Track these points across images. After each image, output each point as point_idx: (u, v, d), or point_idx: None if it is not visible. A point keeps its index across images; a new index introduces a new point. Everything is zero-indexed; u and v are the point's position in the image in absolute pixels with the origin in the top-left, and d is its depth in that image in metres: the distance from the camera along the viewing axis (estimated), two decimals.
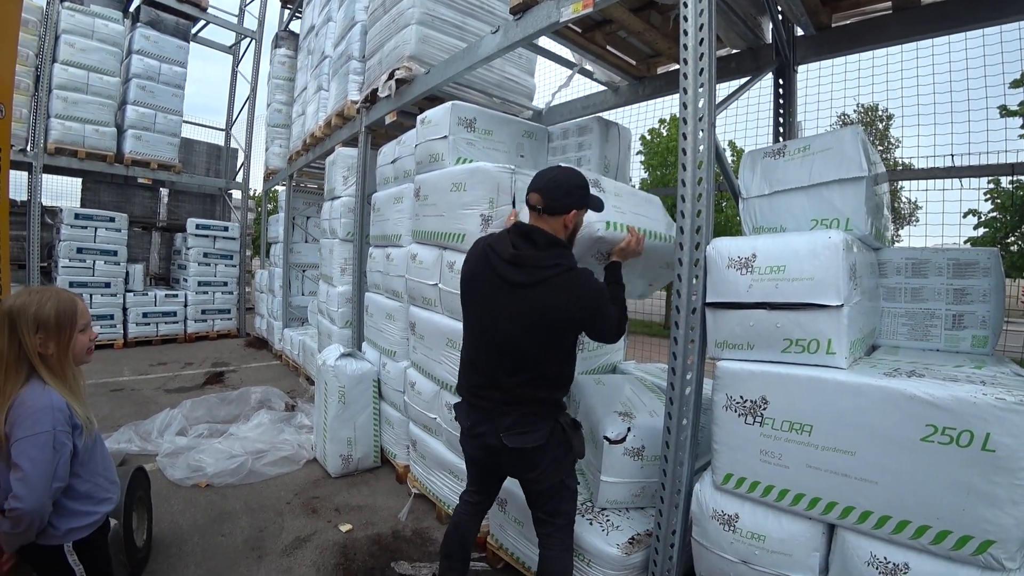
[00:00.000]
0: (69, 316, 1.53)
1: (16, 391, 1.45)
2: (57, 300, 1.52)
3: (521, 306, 1.80)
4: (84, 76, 7.71)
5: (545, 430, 1.83)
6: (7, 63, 2.48)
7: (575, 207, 1.85)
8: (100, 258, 7.85)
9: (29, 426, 1.39)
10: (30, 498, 1.36)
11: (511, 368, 1.83)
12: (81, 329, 1.57)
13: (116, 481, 1.70)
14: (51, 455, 1.40)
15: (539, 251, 1.81)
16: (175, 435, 4.03)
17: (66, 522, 1.51)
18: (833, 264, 1.57)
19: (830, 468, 1.55)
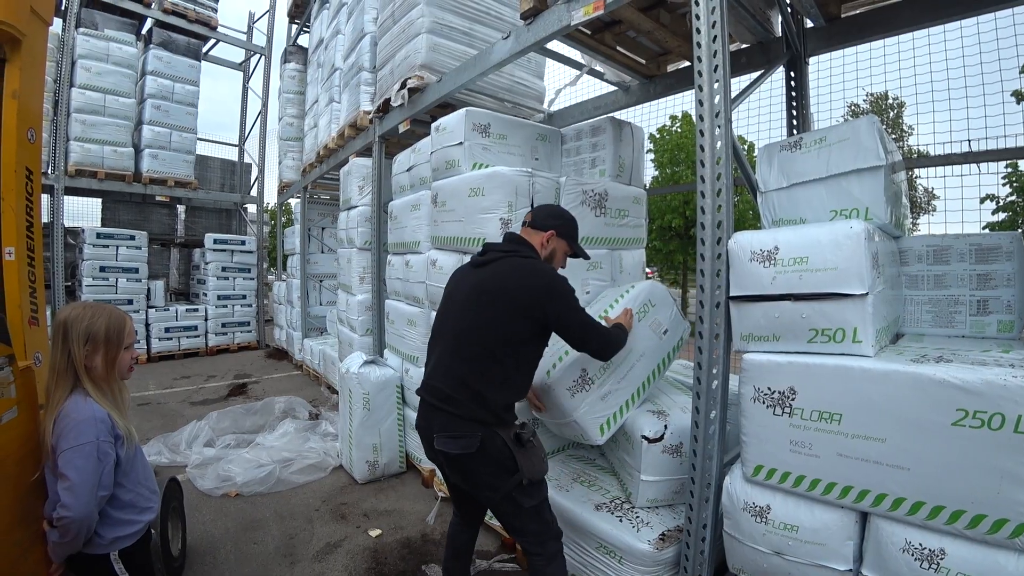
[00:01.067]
0: (117, 332, 1.60)
1: (62, 402, 1.51)
2: (108, 316, 1.60)
3: (476, 284, 1.87)
4: (101, 99, 7.88)
5: (474, 438, 1.73)
6: (36, 91, 2.55)
7: (555, 231, 2.01)
8: (122, 276, 8.02)
9: (74, 437, 1.44)
10: (77, 506, 1.41)
11: (456, 356, 1.81)
12: (126, 346, 1.64)
13: (156, 491, 1.76)
14: (95, 464, 1.45)
15: (507, 243, 1.97)
16: (203, 446, 4.11)
17: (112, 531, 1.56)
18: (856, 253, 1.59)
19: (861, 456, 1.56)
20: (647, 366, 2.44)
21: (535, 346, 1.87)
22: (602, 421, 2.30)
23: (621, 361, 2.34)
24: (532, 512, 1.81)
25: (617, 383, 2.34)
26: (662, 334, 2.51)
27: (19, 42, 2.37)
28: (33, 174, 2.53)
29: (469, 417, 1.75)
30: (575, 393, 2.25)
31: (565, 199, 2.72)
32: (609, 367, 2.32)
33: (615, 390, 2.33)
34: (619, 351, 2.05)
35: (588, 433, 2.29)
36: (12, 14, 2.29)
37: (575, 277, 2.76)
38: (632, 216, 3.11)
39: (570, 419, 2.28)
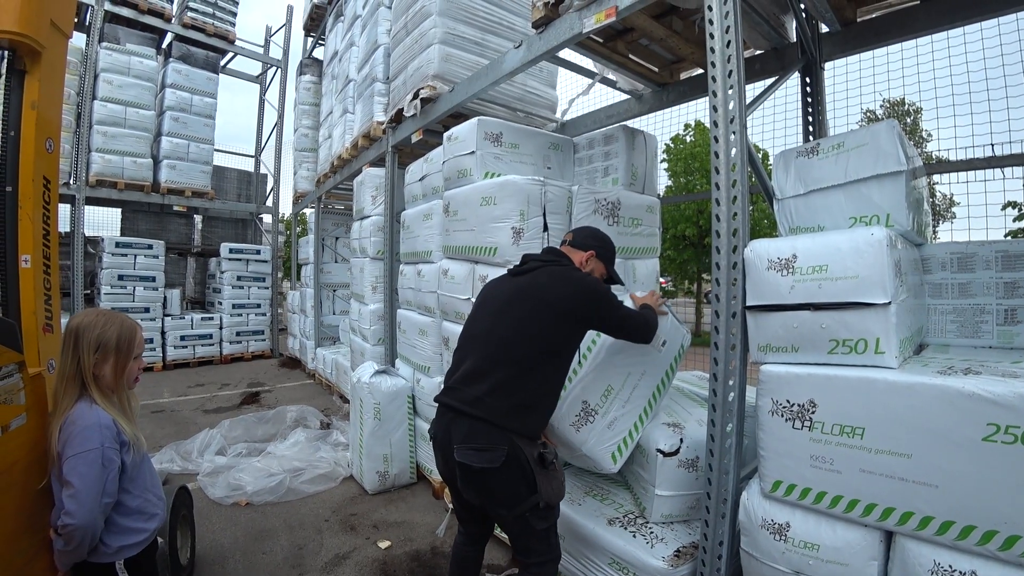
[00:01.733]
0: (128, 342, 1.61)
1: (68, 409, 1.51)
2: (120, 326, 1.61)
3: (515, 291, 1.85)
4: (122, 111, 8.06)
5: (499, 452, 1.65)
6: (55, 102, 2.60)
7: (595, 251, 2.07)
8: (139, 284, 8.14)
9: (78, 444, 1.44)
10: (80, 513, 1.40)
11: (491, 361, 1.75)
12: (136, 356, 1.65)
13: (163, 498, 1.75)
14: (100, 471, 1.45)
15: (547, 254, 2.02)
16: (215, 454, 4.12)
17: (118, 539, 1.55)
18: (878, 261, 1.54)
19: (885, 472, 1.50)
20: (650, 383, 2.36)
21: (570, 354, 1.88)
22: (613, 449, 2.25)
23: (621, 385, 2.28)
24: (542, 534, 1.76)
25: (622, 408, 2.27)
26: (660, 346, 2.39)
27: (39, 54, 2.41)
28: (50, 183, 2.57)
29: (500, 424, 1.68)
30: (580, 428, 2.21)
31: (578, 208, 2.70)
32: (609, 394, 2.25)
33: (621, 415, 2.27)
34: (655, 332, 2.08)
35: (600, 464, 2.25)
36: (32, 27, 2.33)
37: None
38: (645, 225, 3.08)
39: (579, 453, 2.25)
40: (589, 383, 2.23)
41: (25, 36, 2.30)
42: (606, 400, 2.25)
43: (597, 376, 2.25)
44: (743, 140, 1.83)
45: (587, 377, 2.24)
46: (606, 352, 2.27)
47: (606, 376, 2.25)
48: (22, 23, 2.28)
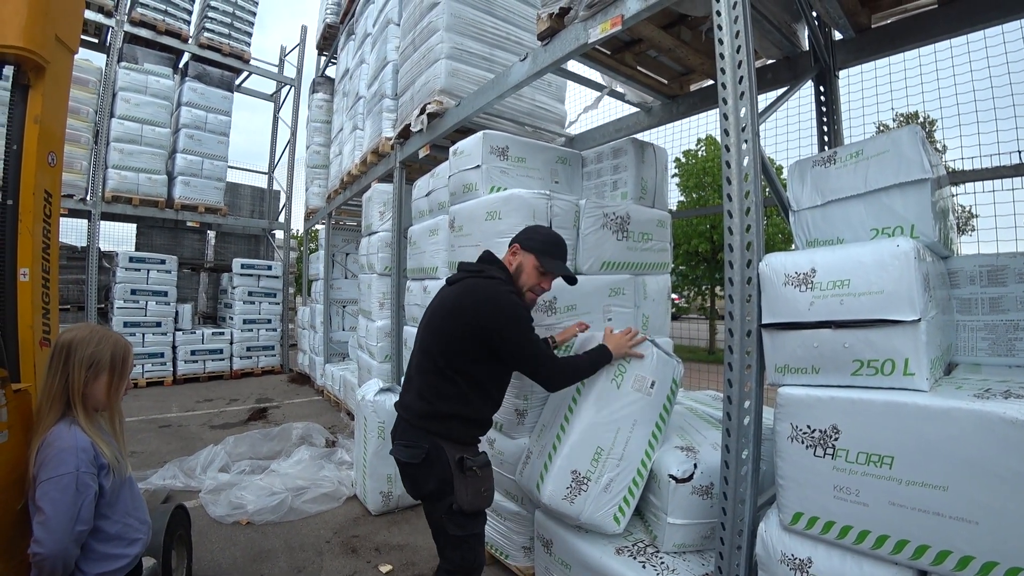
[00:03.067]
0: (122, 361, 1.57)
1: (49, 428, 1.45)
2: (114, 344, 1.56)
3: (440, 302, 1.94)
4: (138, 129, 8.20)
5: (421, 449, 1.78)
6: (59, 116, 2.59)
7: (519, 243, 2.00)
8: (152, 299, 8.19)
9: (52, 467, 1.38)
10: (50, 542, 1.34)
11: (417, 369, 1.91)
12: (127, 376, 1.63)
13: (147, 521, 1.69)
14: (73, 496, 1.37)
15: (477, 263, 2.01)
16: (218, 471, 4.05)
17: (96, 566, 1.47)
18: (905, 275, 1.42)
19: (918, 506, 1.37)
20: (644, 432, 2.17)
21: (488, 369, 1.87)
22: (614, 511, 2.11)
23: (611, 444, 2.12)
24: (455, 541, 1.81)
25: (616, 467, 2.11)
26: (649, 389, 2.18)
27: (43, 69, 2.40)
28: (52, 197, 2.55)
29: (421, 427, 1.82)
30: (574, 499, 2.09)
31: (585, 222, 2.61)
32: (600, 456, 2.11)
33: (617, 474, 2.11)
34: (581, 379, 2.05)
35: (603, 528, 2.12)
36: (37, 42, 2.33)
37: (596, 304, 2.64)
38: (656, 240, 2.98)
39: (578, 523, 2.15)
40: (575, 450, 2.11)
41: (30, 51, 2.30)
42: (597, 463, 2.11)
43: (582, 441, 2.12)
44: (756, 149, 1.74)
45: (571, 444, 2.12)
46: (588, 412, 2.15)
47: (593, 439, 2.12)
48: (27, 38, 2.28)
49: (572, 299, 2.55)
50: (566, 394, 2.26)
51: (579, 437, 2.12)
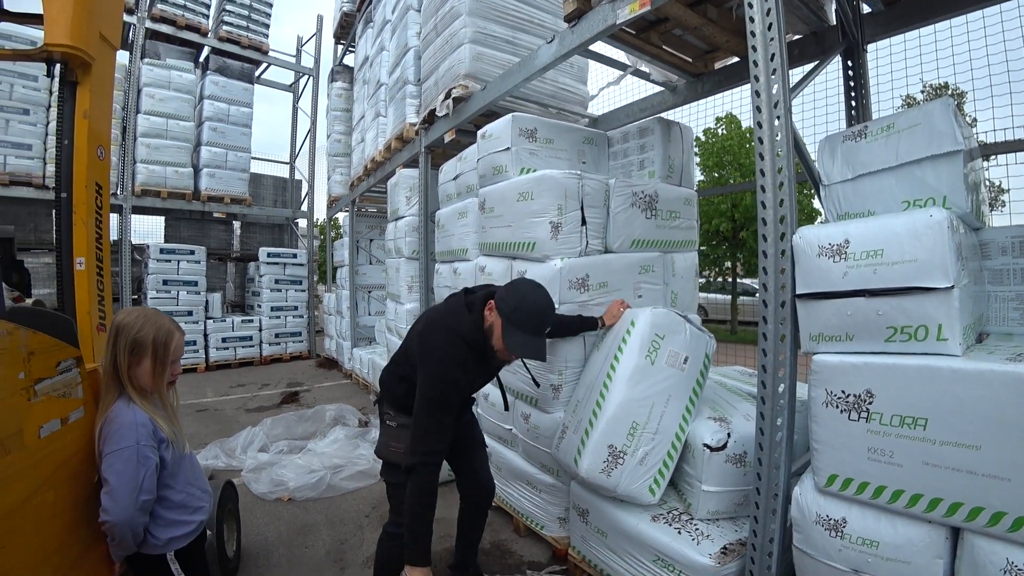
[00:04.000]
0: (164, 346, 1.60)
1: (109, 406, 1.54)
2: (157, 328, 1.59)
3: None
4: (163, 123, 8.38)
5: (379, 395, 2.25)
6: (105, 111, 2.71)
7: (495, 304, 1.87)
8: (183, 288, 8.42)
9: (115, 441, 1.47)
10: (115, 510, 1.43)
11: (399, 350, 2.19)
12: (173, 361, 1.64)
13: (208, 491, 1.78)
14: (135, 468, 1.46)
15: (464, 295, 2.05)
16: (257, 451, 4.22)
17: (165, 531, 1.58)
18: (938, 243, 1.46)
19: (951, 465, 1.42)
20: (678, 407, 2.23)
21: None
22: (649, 483, 2.18)
23: (647, 419, 2.18)
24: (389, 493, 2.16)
25: (651, 440, 2.18)
26: (683, 364, 2.25)
27: (89, 66, 2.51)
28: (102, 189, 2.67)
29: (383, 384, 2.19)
30: (610, 472, 2.16)
31: (615, 201, 2.66)
32: (635, 431, 2.17)
33: (652, 448, 2.18)
34: (411, 517, 1.81)
35: (639, 500, 2.19)
36: (83, 40, 2.43)
37: (627, 282, 2.70)
38: (683, 218, 3.02)
39: (614, 495, 2.22)
40: (611, 426, 2.17)
41: (77, 49, 2.40)
42: (633, 438, 2.17)
43: (618, 416, 2.18)
44: (788, 124, 1.77)
45: (607, 420, 2.18)
46: (624, 388, 2.20)
47: (628, 414, 2.18)
48: (73, 36, 2.38)
49: (604, 276, 2.61)
50: (600, 371, 2.33)
51: (615, 412, 2.18)
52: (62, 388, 1.62)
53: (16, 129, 7.49)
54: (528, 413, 2.79)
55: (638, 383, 2.21)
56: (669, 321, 2.32)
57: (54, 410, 1.55)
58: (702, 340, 2.35)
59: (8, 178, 7.35)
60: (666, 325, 2.30)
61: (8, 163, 7.37)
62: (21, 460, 1.35)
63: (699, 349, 2.33)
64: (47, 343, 1.57)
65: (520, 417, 2.85)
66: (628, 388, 2.20)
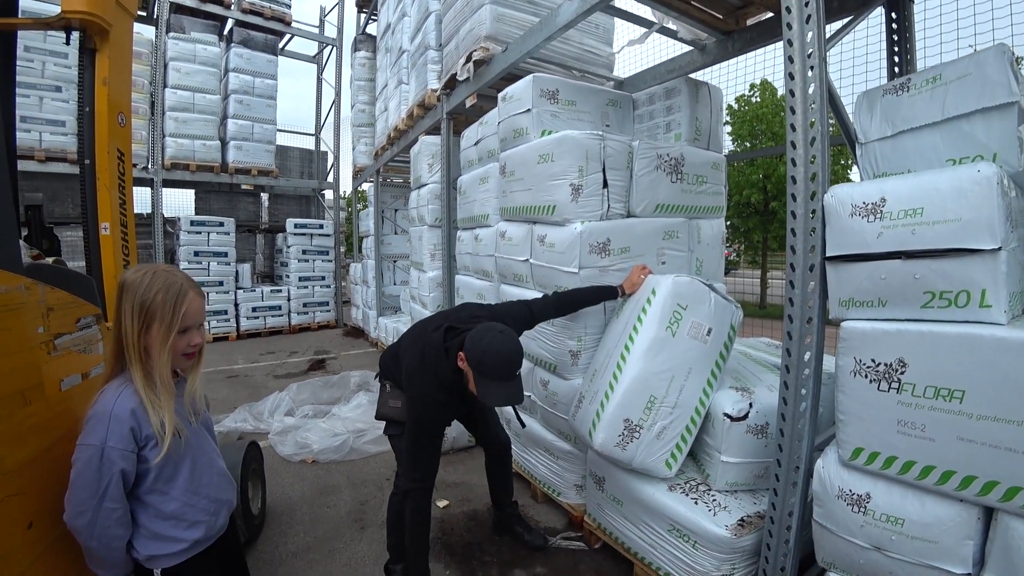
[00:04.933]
0: (171, 307, 1.26)
1: (103, 384, 1.29)
2: (166, 287, 1.26)
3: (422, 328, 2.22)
4: (190, 97, 8.45)
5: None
6: (124, 78, 2.71)
7: (465, 356, 1.87)
8: (213, 260, 8.61)
9: (84, 434, 1.21)
10: (70, 512, 1.20)
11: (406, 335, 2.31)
12: (182, 329, 1.29)
13: (222, 499, 1.45)
14: (96, 472, 1.18)
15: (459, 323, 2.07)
16: (284, 415, 4.34)
17: (148, 546, 1.29)
18: (985, 201, 1.34)
19: (989, 441, 1.33)
20: (698, 381, 2.15)
21: None
22: (666, 457, 2.13)
23: (665, 392, 2.10)
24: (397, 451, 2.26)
25: (669, 415, 2.11)
26: (706, 336, 2.15)
27: (107, 32, 2.51)
28: (124, 155, 2.69)
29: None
30: (625, 446, 2.10)
31: (639, 164, 2.56)
32: (653, 405, 2.09)
33: (670, 422, 2.12)
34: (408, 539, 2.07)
35: (655, 473, 2.15)
36: (99, 6, 2.43)
37: (650, 247, 2.61)
38: (711, 183, 2.89)
39: (629, 468, 2.18)
40: (627, 399, 2.10)
41: (93, 15, 2.40)
42: (650, 412, 2.10)
43: (634, 389, 2.10)
44: (823, 76, 1.65)
45: (624, 392, 2.11)
46: (642, 360, 2.12)
47: (646, 387, 2.10)
48: (90, 3, 2.38)
49: (626, 241, 2.53)
50: (618, 339, 2.27)
51: (631, 386, 2.11)
52: (82, 344, 1.65)
53: (49, 106, 7.64)
54: (547, 379, 2.76)
55: (657, 355, 2.13)
56: (692, 290, 2.22)
57: (75, 365, 1.58)
58: (727, 310, 2.25)
59: (44, 155, 7.54)
60: (689, 295, 2.20)
61: (44, 140, 7.55)
62: (42, 411, 1.38)
63: (724, 320, 2.24)
64: (66, 299, 1.60)
65: (539, 383, 2.82)
66: (646, 361, 2.12)
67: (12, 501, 1.22)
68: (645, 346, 2.14)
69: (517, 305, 2.29)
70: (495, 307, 2.31)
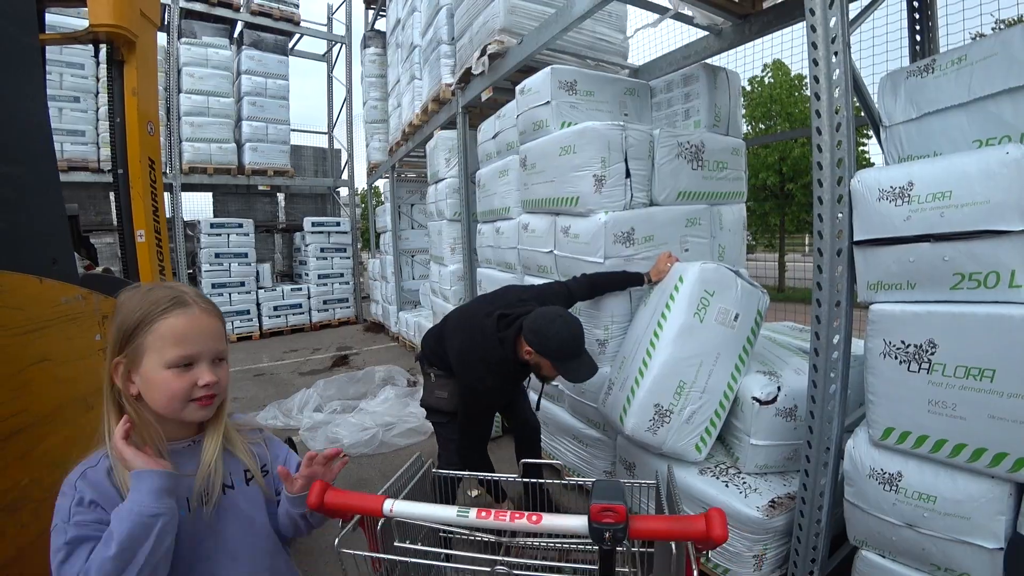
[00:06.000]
0: (126, 335, 0.91)
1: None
2: (152, 300, 0.92)
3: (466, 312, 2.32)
4: (204, 101, 8.58)
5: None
6: (151, 87, 2.79)
7: (535, 349, 1.93)
8: (234, 261, 8.77)
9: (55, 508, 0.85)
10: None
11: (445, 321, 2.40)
12: (181, 363, 0.91)
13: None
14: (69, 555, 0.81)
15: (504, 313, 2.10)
16: (312, 411, 4.45)
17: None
18: (1015, 183, 1.35)
19: (1020, 418, 1.35)
20: (727, 365, 2.18)
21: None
22: (696, 441, 2.17)
23: (694, 377, 2.14)
24: (440, 440, 2.38)
25: (699, 399, 2.14)
26: (732, 322, 2.18)
27: (133, 44, 2.58)
28: (155, 163, 2.78)
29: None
30: (656, 430, 2.14)
31: (660, 153, 2.58)
32: (682, 390, 2.13)
33: (699, 407, 2.15)
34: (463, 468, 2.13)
35: (685, 456, 2.19)
36: (126, 19, 2.50)
37: (673, 235, 2.64)
38: (731, 169, 2.90)
39: (660, 452, 2.22)
40: (657, 384, 2.14)
41: (120, 28, 2.47)
42: (680, 397, 2.14)
43: (664, 375, 2.14)
44: (847, 60, 1.66)
45: (654, 378, 2.14)
46: (670, 346, 2.15)
47: (675, 373, 2.14)
48: (117, 15, 2.45)
49: (650, 230, 2.56)
50: (647, 327, 2.31)
51: (661, 371, 2.15)
52: None
53: (69, 117, 7.82)
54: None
55: (686, 341, 2.16)
56: (719, 276, 2.25)
57: None
58: (754, 296, 2.28)
59: (66, 164, 7.72)
60: (716, 281, 2.23)
61: (65, 150, 7.73)
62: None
63: (751, 305, 2.26)
64: None
65: None
66: (675, 347, 2.16)
67: None
68: (674, 332, 2.17)
69: (556, 285, 2.37)
70: (538, 288, 2.35)
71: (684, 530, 0.86)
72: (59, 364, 1.38)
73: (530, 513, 0.91)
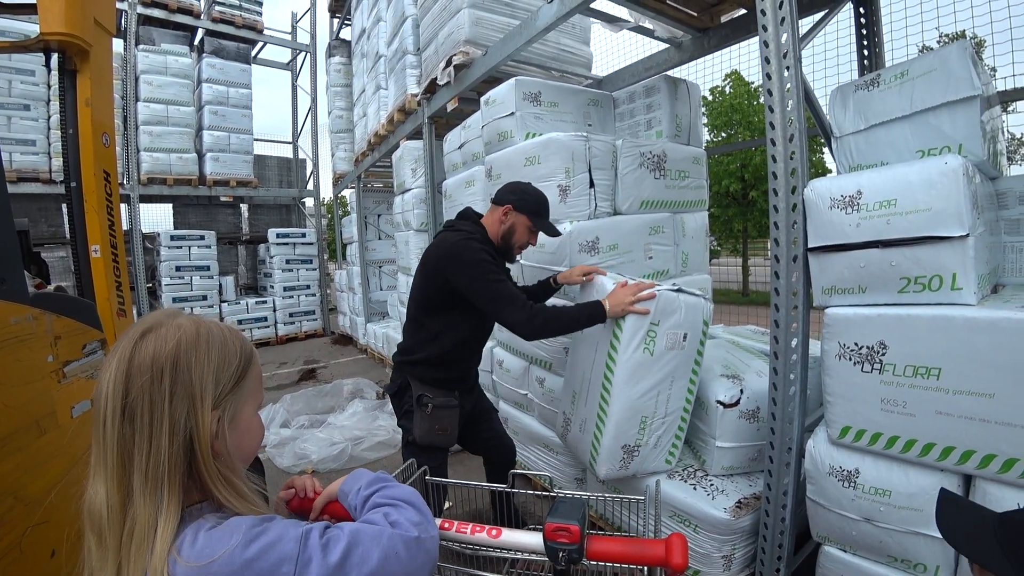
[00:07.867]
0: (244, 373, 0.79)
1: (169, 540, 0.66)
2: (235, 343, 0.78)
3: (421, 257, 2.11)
4: (164, 110, 8.34)
5: (395, 384, 2.07)
6: (106, 98, 2.70)
7: (512, 205, 2.03)
8: (196, 274, 8.53)
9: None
10: None
11: (406, 316, 2.15)
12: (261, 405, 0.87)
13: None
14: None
15: (454, 219, 2.13)
16: (279, 427, 4.34)
17: None
18: (953, 191, 1.44)
19: (964, 413, 1.43)
20: (682, 385, 2.13)
21: (454, 315, 2.01)
22: (665, 456, 2.20)
23: (654, 410, 2.09)
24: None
25: (661, 425, 2.12)
26: (682, 342, 2.07)
27: (87, 53, 2.49)
28: (110, 176, 2.68)
29: (400, 363, 2.08)
30: (628, 465, 2.14)
31: (623, 162, 2.63)
32: (645, 424, 2.08)
33: (664, 430, 2.14)
34: (565, 330, 2.00)
35: (657, 471, 2.22)
36: (78, 27, 2.41)
37: (637, 243, 2.69)
38: (693, 177, 2.98)
39: (637, 478, 2.25)
40: (620, 428, 2.07)
41: (73, 36, 2.39)
42: (644, 431, 2.11)
43: (625, 419, 2.07)
44: (798, 75, 1.73)
45: (616, 424, 2.07)
46: (626, 389, 2.04)
47: (636, 412, 2.07)
48: (68, 23, 2.36)
49: (614, 238, 2.60)
50: (592, 364, 2.20)
51: (621, 416, 2.06)
52: (90, 369, 1.67)
53: (19, 125, 7.51)
54: (543, 377, 2.83)
55: (640, 380, 2.05)
56: (662, 304, 2.06)
57: (84, 391, 1.60)
58: (698, 308, 2.14)
59: (16, 175, 7.39)
60: (659, 310, 2.05)
61: (14, 160, 7.40)
62: (57, 439, 1.40)
63: (696, 320, 2.13)
64: (72, 327, 1.62)
65: (535, 381, 2.88)
66: (630, 388, 2.05)
67: (36, 530, 1.25)
68: (626, 375, 2.03)
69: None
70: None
71: (641, 555, 0.85)
72: (9, 388, 1.32)
73: (490, 527, 0.91)
